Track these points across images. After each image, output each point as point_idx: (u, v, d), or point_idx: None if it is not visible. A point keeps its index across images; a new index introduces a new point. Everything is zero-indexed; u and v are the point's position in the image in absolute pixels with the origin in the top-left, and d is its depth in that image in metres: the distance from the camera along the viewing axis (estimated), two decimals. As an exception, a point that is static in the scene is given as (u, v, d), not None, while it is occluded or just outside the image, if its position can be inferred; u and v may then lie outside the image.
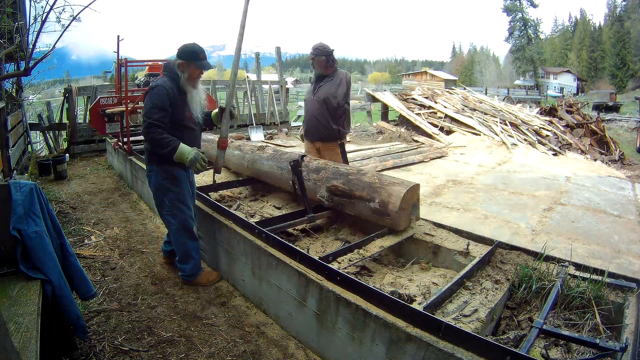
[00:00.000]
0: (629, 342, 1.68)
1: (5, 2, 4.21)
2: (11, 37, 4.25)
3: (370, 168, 5.80)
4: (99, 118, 5.34)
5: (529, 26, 50.35)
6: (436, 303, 1.97)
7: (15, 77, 5.71)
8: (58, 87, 12.75)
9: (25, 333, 1.48)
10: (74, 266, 2.03)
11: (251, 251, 2.60)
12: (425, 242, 2.75)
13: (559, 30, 58.79)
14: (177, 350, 2.20)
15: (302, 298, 2.22)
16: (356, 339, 1.91)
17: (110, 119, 5.32)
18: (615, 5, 49.77)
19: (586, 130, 10.73)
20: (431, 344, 1.62)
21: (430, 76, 41.58)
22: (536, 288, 2.16)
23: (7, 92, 5.77)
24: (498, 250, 2.57)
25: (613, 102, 26.99)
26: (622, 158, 9.62)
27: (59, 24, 3.47)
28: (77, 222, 4.06)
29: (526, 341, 1.70)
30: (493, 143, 8.96)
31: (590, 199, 5.20)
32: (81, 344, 2.18)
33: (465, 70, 61.88)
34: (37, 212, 1.85)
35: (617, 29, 46.92)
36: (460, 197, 5.05)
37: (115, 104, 5.52)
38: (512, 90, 34.13)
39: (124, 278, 2.99)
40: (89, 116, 5.10)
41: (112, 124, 5.42)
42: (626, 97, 34.93)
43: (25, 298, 1.68)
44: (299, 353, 2.20)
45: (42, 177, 5.86)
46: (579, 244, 3.67)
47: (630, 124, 17.87)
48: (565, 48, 54.75)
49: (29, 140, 6.98)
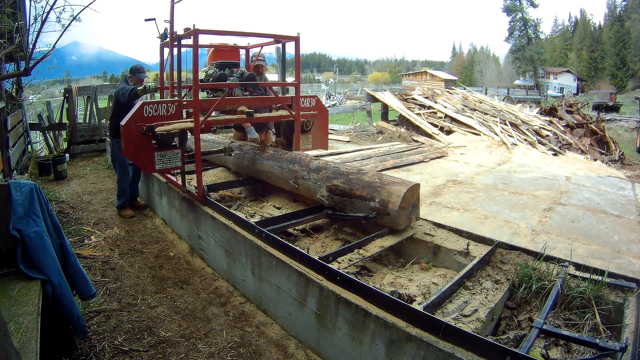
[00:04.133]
0: (629, 342, 1.68)
1: (5, 2, 4.21)
2: (11, 37, 4.25)
3: (370, 168, 5.80)
4: (141, 142, 3.09)
5: (529, 26, 50.31)
6: (436, 303, 1.97)
7: (15, 77, 5.71)
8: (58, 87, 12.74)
9: (25, 333, 1.48)
10: (74, 266, 2.03)
11: (251, 251, 2.60)
12: (425, 242, 2.75)
13: (559, 30, 58.77)
14: (177, 350, 2.20)
15: (302, 298, 2.22)
16: (356, 339, 1.91)
17: (163, 142, 3.14)
18: (615, 5, 49.77)
19: (586, 130, 10.72)
20: (431, 344, 1.62)
21: (430, 76, 41.54)
22: (536, 288, 2.16)
23: (7, 92, 5.77)
24: (498, 250, 2.57)
25: (613, 102, 26.98)
26: (622, 158, 9.62)
27: (59, 24, 3.47)
28: (77, 222, 4.06)
29: (526, 341, 1.70)
30: (493, 143, 8.96)
31: (590, 199, 5.20)
32: (81, 344, 2.18)
33: (465, 70, 61.86)
34: (37, 212, 1.85)
35: (617, 29, 46.91)
36: (460, 197, 5.05)
37: (170, 115, 3.21)
38: (512, 90, 34.11)
39: (124, 278, 2.99)
40: (122, 143, 3.06)
41: (166, 152, 3.20)
42: (626, 97, 34.93)
43: (25, 298, 1.68)
44: (299, 353, 2.20)
45: (42, 177, 5.86)
46: (579, 244, 3.67)
47: (630, 124, 17.87)
48: (565, 48, 54.74)
49: (29, 140, 6.98)
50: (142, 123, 3.04)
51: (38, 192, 1.90)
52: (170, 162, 3.25)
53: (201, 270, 3.15)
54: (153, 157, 3.14)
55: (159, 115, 3.14)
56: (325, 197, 3.07)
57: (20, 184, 1.86)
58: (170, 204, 3.95)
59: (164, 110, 3.17)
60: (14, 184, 1.84)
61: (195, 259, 3.36)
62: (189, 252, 3.48)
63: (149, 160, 3.14)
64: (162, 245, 3.61)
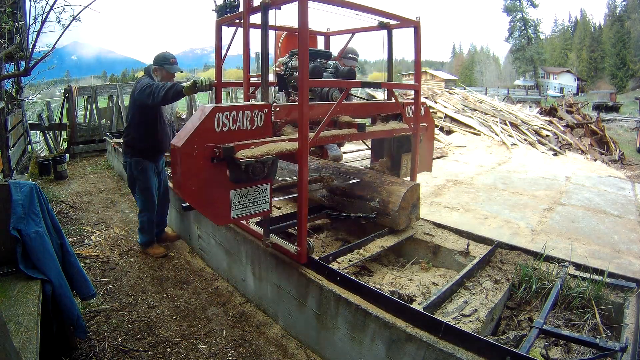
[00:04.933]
0: (629, 342, 1.68)
1: (5, 2, 4.21)
2: (11, 37, 4.25)
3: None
4: (209, 174, 1.94)
5: (529, 26, 50.33)
6: (436, 303, 1.97)
7: (15, 77, 5.71)
8: (58, 87, 12.74)
9: (25, 333, 1.48)
10: (74, 266, 2.03)
11: (251, 251, 2.60)
12: (425, 242, 2.75)
13: (559, 30, 58.76)
14: (177, 350, 2.20)
15: (302, 298, 2.22)
16: (356, 339, 1.91)
17: (246, 176, 1.97)
18: (615, 5, 49.77)
19: (586, 130, 10.72)
20: (431, 344, 1.62)
21: (430, 76, 41.54)
22: (536, 288, 2.16)
23: (7, 92, 5.77)
24: (498, 250, 2.57)
25: (613, 102, 27.00)
26: (622, 158, 9.61)
27: (59, 24, 3.48)
28: (77, 222, 4.07)
29: (526, 341, 1.70)
30: (493, 143, 8.97)
31: (590, 199, 5.20)
32: (81, 344, 2.18)
33: (465, 70, 61.84)
34: (37, 212, 1.85)
35: (617, 29, 46.93)
36: (460, 197, 5.05)
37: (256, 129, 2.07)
38: (512, 90, 34.12)
39: (124, 278, 2.99)
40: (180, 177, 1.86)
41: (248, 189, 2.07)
42: (626, 97, 34.92)
43: (25, 298, 1.68)
44: (299, 353, 2.20)
45: (42, 177, 5.86)
46: (579, 244, 3.67)
47: (630, 124, 17.88)
48: (565, 48, 54.74)
49: (29, 140, 6.98)
50: (212, 143, 1.89)
51: (38, 192, 1.90)
52: (254, 204, 2.11)
53: (201, 270, 3.16)
54: (228, 198, 2.00)
55: (240, 129, 1.99)
56: (325, 197, 3.07)
57: (20, 184, 1.86)
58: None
59: (248, 122, 2.02)
60: (14, 184, 1.85)
61: (196, 259, 3.36)
62: (189, 252, 3.48)
63: (221, 204, 1.99)
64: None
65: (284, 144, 2.10)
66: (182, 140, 1.84)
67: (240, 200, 2.05)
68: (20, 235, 1.78)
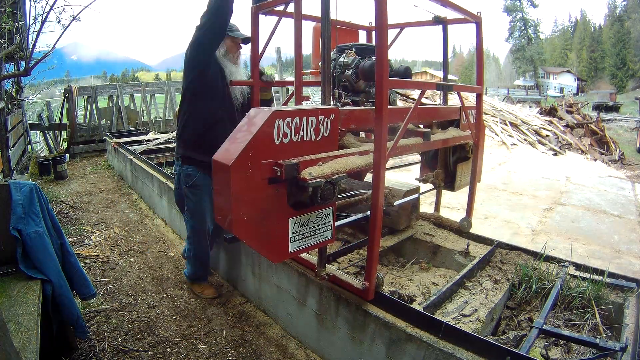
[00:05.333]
0: (629, 342, 1.68)
1: (5, 2, 4.22)
2: (11, 37, 4.25)
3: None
4: (266, 199, 1.46)
5: (529, 26, 50.39)
6: (436, 303, 1.97)
7: (15, 77, 5.71)
8: (58, 87, 12.75)
9: (25, 333, 1.48)
10: (74, 266, 2.03)
11: (251, 250, 2.60)
12: (425, 242, 2.75)
13: (559, 31, 58.80)
14: (177, 350, 2.20)
15: (302, 298, 2.22)
16: (356, 339, 1.91)
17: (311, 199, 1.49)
18: (615, 5, 49.82)
19: (586, 130, 10.73)
20: (431, 344, 1.62)
21: (430, 76, 41.55)
22: (536, 288, 2.16)
23: (7, 92, 5.77)
24: (498, 250, 2.57)
25: (613, 102, 27.03)
26: (622, 158, 9.62)
27: (59, 24, 3.47)
28: (77, 222, 4.07)
29: (526, 341, 1.70)
30: (493, 143, 8.97)
31: (590, 199, 5.20)
32: (81, 344, 2.18)
33: (465, 71, 61.89)
34: (37, 212, 1.85)
35: (617, 29, 46.96)
36: (460, 197, 5.04)
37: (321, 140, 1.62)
38: (512, 90, 34.15)
39: (124, 278, 2.99)
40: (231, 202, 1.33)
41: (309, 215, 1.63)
42: (626, 97, 34.94)
43: (25, 298, 1.68)
44: (299, 353, 2.20)
45: (42, 177, 5.86)
46: (579, 244, 3.67)
47: (630, 124, 17.89)
48: (565, 48, 54.78)
49: (29, 140, 6.98)
50: (270, 159, 1.45)
51: (38, 192, 1.90)
52: (315, 233, 1.68)
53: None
54: (286, 228, 1.57)
55: (303, 140, 1.55)
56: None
57: (20, 184, 1.86)
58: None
59: (313, 131, 1.58)
60: (14, 184, 1.85)
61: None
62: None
63: (277, 236, 1.55)
64: (162, 246, 3.61)
65: (354, 159, 1.67)
66: (233, 156, 1.35)
67: (299, 230, 1.61)
68: (20, 235, 1.78)
